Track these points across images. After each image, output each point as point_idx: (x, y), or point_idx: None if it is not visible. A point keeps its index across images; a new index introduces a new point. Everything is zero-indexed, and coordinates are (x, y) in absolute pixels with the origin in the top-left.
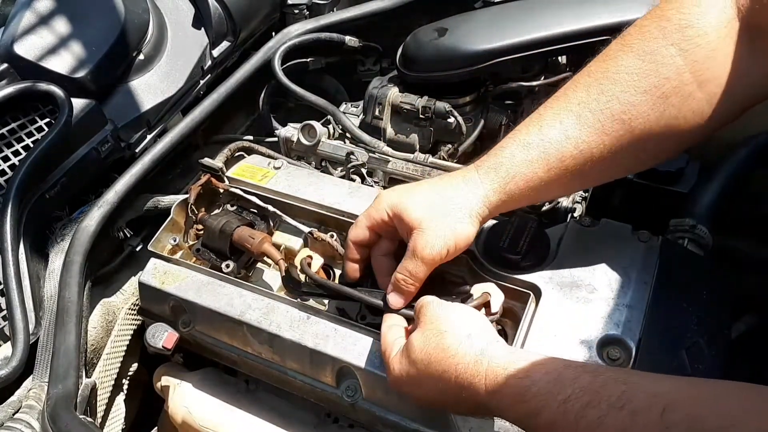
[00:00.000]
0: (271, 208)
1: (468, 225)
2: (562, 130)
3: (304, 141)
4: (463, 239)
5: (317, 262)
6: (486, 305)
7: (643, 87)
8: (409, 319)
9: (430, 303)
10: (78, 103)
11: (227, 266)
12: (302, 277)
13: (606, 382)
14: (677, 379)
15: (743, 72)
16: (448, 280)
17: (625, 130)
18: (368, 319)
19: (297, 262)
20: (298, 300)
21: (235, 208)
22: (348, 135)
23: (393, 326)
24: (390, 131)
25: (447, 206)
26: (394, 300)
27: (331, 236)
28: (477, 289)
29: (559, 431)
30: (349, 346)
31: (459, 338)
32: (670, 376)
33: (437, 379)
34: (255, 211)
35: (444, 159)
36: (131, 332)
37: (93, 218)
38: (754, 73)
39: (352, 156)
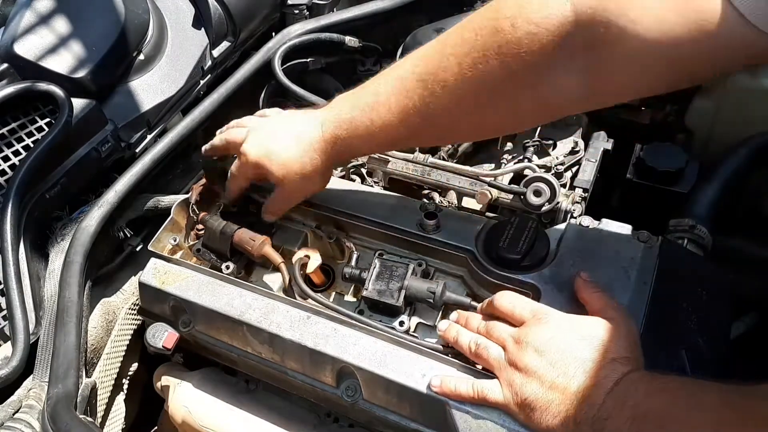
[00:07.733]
0: None
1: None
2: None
3: None
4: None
5: (315, 262)
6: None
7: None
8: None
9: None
10: (78, 103)
11: (227, 267)
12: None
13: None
14: None
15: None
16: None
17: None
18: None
19: (294, 261)
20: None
21: (236, 207)
22: None
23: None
24: None
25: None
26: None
27: (331, 238)
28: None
29: None
30: (349, 346)
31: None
32: None
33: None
34: (256, 210)
35: (444, 159)
36: (131, 332)
37: (93, 218)
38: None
39: None
